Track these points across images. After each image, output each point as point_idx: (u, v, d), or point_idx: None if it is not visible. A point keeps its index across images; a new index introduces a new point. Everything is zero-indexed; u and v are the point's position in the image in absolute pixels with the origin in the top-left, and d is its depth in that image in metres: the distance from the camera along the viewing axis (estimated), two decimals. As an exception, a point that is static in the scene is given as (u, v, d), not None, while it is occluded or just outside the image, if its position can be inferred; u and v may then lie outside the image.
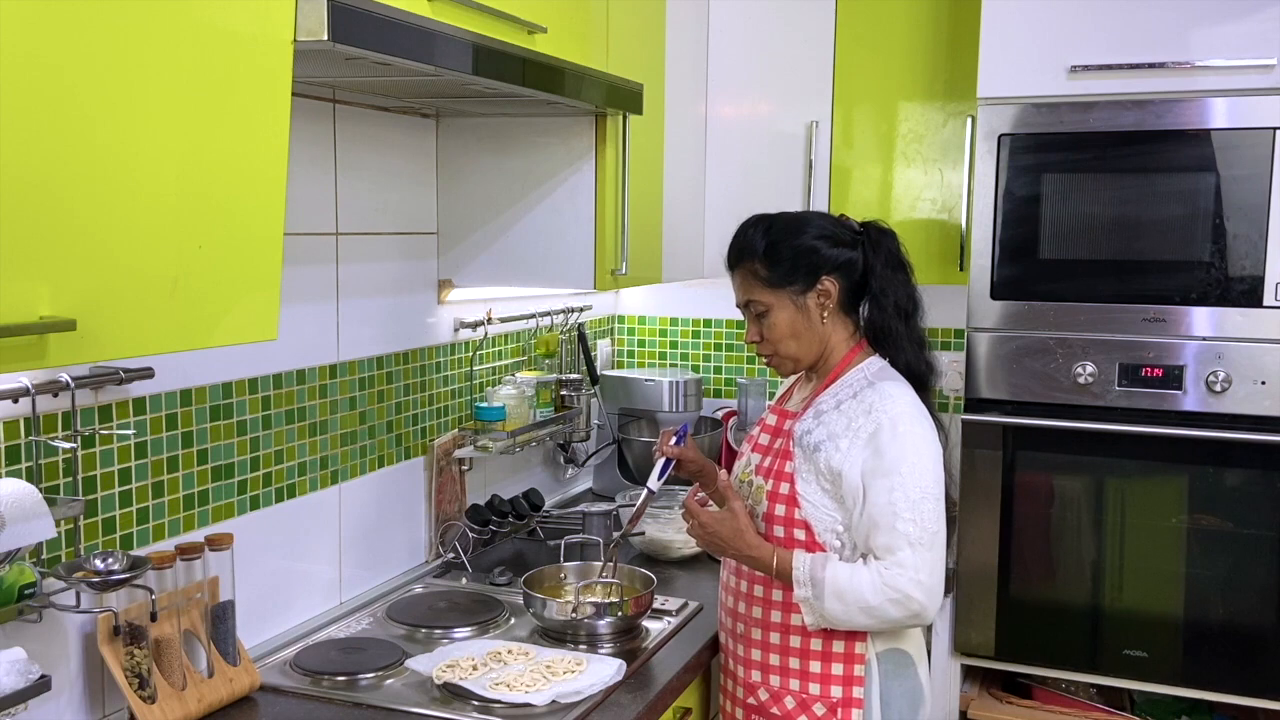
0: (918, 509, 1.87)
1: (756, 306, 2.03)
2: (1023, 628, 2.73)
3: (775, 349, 2.05)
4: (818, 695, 1.97)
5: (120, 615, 1.73)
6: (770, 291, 2.01)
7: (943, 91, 2.90)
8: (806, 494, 1.96)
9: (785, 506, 1.97)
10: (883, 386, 1.96)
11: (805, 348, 2.03)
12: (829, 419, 1.97)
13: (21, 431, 1.65)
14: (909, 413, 1.93)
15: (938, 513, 1.89)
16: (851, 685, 1.96)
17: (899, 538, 1.86)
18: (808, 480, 1.96)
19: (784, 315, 2.01)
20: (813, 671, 1.97)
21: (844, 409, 1.96)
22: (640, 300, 3.62)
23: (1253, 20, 2.44)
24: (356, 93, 2.26)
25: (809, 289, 2.00)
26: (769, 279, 2.01)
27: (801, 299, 2.01)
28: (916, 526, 1.86)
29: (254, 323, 1.51)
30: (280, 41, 1.48)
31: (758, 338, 2.06)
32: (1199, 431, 2.53)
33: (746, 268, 2.03)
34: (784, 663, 1.99)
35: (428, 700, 1.89)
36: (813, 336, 2.02)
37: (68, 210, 1.23)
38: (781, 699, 2.00)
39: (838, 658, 1.96)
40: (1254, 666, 2.56)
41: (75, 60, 1.23)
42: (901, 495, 1.87)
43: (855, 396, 1.96)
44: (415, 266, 2.54)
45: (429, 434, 2.62)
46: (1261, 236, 2.47)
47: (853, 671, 1.96)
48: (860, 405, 1.95)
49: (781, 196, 2.96)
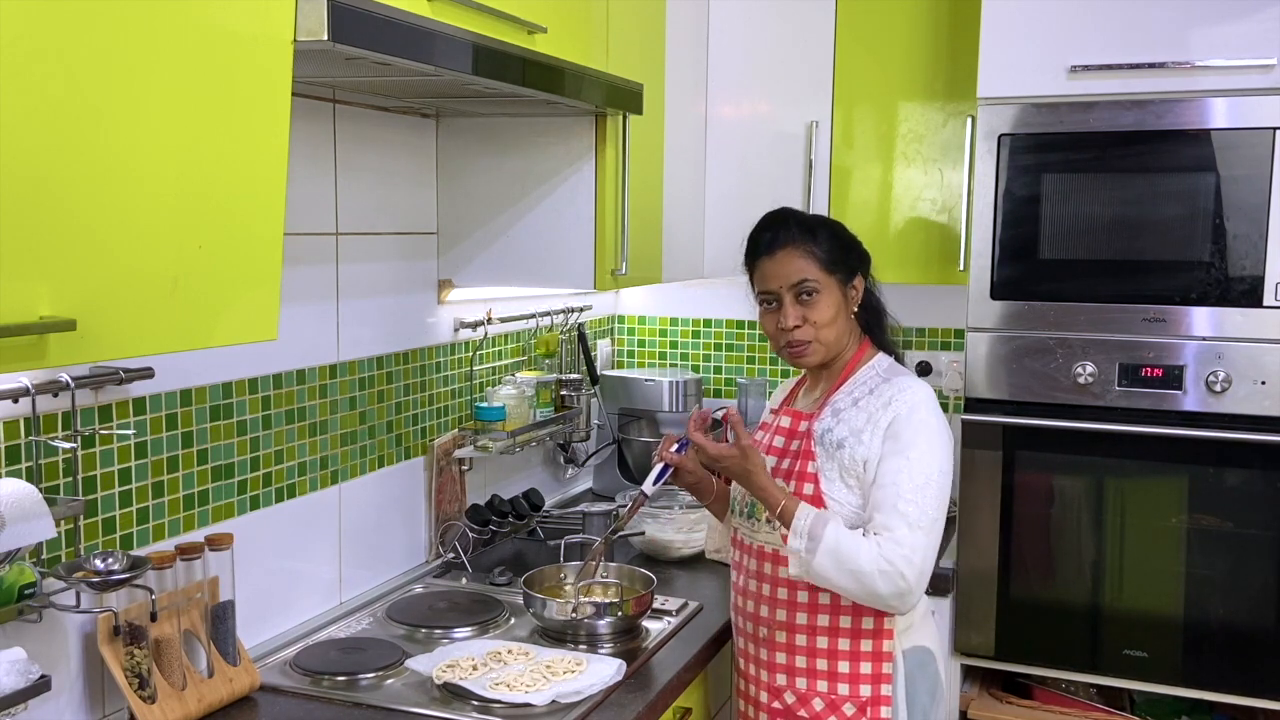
0: (920, 493, 1.89)
1: (809, 285, 1.98)
2: (1023, 628, 2.73)
3: (816, 334, 1.99)
4: (847, 695, 1.97)
5: (120, 615, 1.73)
6: (826, 275, 2.00)
7: (943, 91, 2.90)
8: (831, 493, 1.95)
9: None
10: (899, 380, 2.00)
11: (839, 337, 2.04)
12: (849, 416, 1.98)
13: (21, 431, 1.65)
14: (925, 403, 1.96)
15: (939, 501, 1.91)
16: (880, 683, 1.97)
17: (898, 517, 1.87)
18: (831, 479, 1.96)
19: (831, 301, 2.01)
20: (841, 672, 1.97)
21: (862, 405, 1.98)
22: (640, 300, 3.61)
23: (1253, 20, 2.44)
24: (356, 93, 2.26)
25: (849, 281, 2.04)
26: (828, 261, 2.00)
27: (845, 289, 2.04)
28: (916, 509, 1.88)
29: (254, 323, 1.51)
30: (280, 41, 1.48)
31: (800, 320, 1.99)
32: (1199, 431, 2.53)
33: (803, 247, 1.99)
34: (811, 664, 1.99)
35: (428, 700, 1.89)
36: (846, 328, 2.05)
37: (68, 210, 1.23)
38: (809, 701, 1.99)
39: (866, 657, 1.97)
40: (1254, 666, 2.56)
41: (76, 60, 1.23)
42: (907, 477, 1.89)
43: (872, 393, 1.99)
44: (415, 266, 2.54)
45: (429, 434, 2.62)
46: (1261, 236, 2.47)
47: (881, 670, 1.97)
48: (878, 399, 1.97)
49: (781, 196, 2.94)
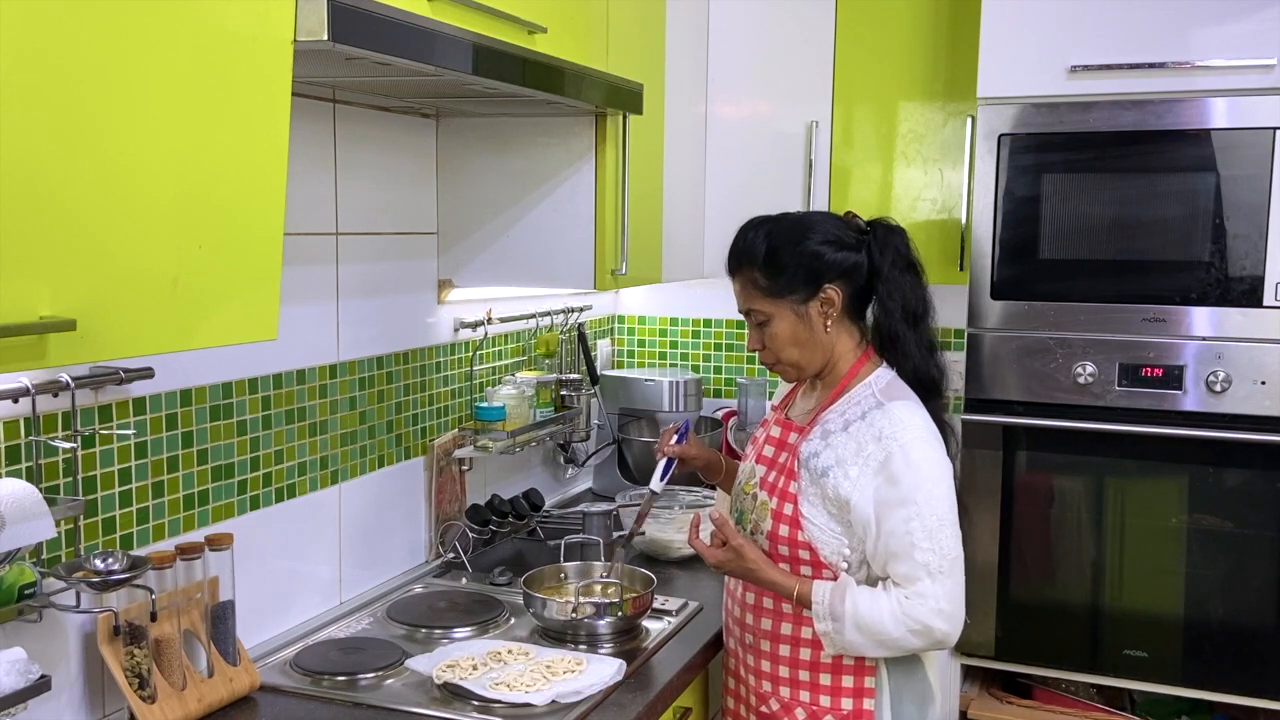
0: (935, 537, 1.82)
1: (757, 316, 1.95)
2: (1023, 628, 2.73)
3: (777, 357, 1.96)
4: (828, 707, 1.93)
5: (120, 615, 1.73)
6: (770, 301, 1.93)
7: (943, 91, 2.90)
8: (811, 516, 1.90)
9: (789, 528, 1.92)
10: (892, 409, 1.87)
11: (809, 356, 1.95)
12: (837, 441, 1.89)
13: (21, 431, 1.65)
14: (920, 437, 1.86)
15: (955, 537, 1.85)
16: (863, 697, 1.92)
17: (918, 568, 1.81)
18: (813, 504, 1.90)
19: (785, 325, 1.93)
20: (823, 684, 1.93)
21: (852, 431, 1.89)
22: (640, 300, 3.61)
23: (1253, 20, 2.44)
24: (356, 93, 2.26)
25: (811, 298, 1.92)
26: (769, 288, 1.92)
27: (803, 308, 1.92)
28: (936, 555, 1.81)
29: (254, 323, 1.51)
30: (280, 41, 1.48)
31: (759, 346, 1.97)
32: (1199, 431, 2.53)
33: (746, 275, 1.95)
34: (794, 675, 1.95)
35: (428, 700, 1.89)
36: (816, 345, 1.94)
37: (68, 210, 1.23)
38: (792, 710, 1.96)
39: (848, 670, 1.92)
40: (1254, 666, 2.56)
41: (75, 60, 1.23)
42: (919, 525, 1.81)
43: (864, 418, 1.88)
44: (415, 266, 2.54)
45: (429, 434, 2.62)
46: (1261, 236, 2.47)
47: (864, 683, 1.92)
48: (870, 430, 1.87)
49: (781, 196, 2.96)
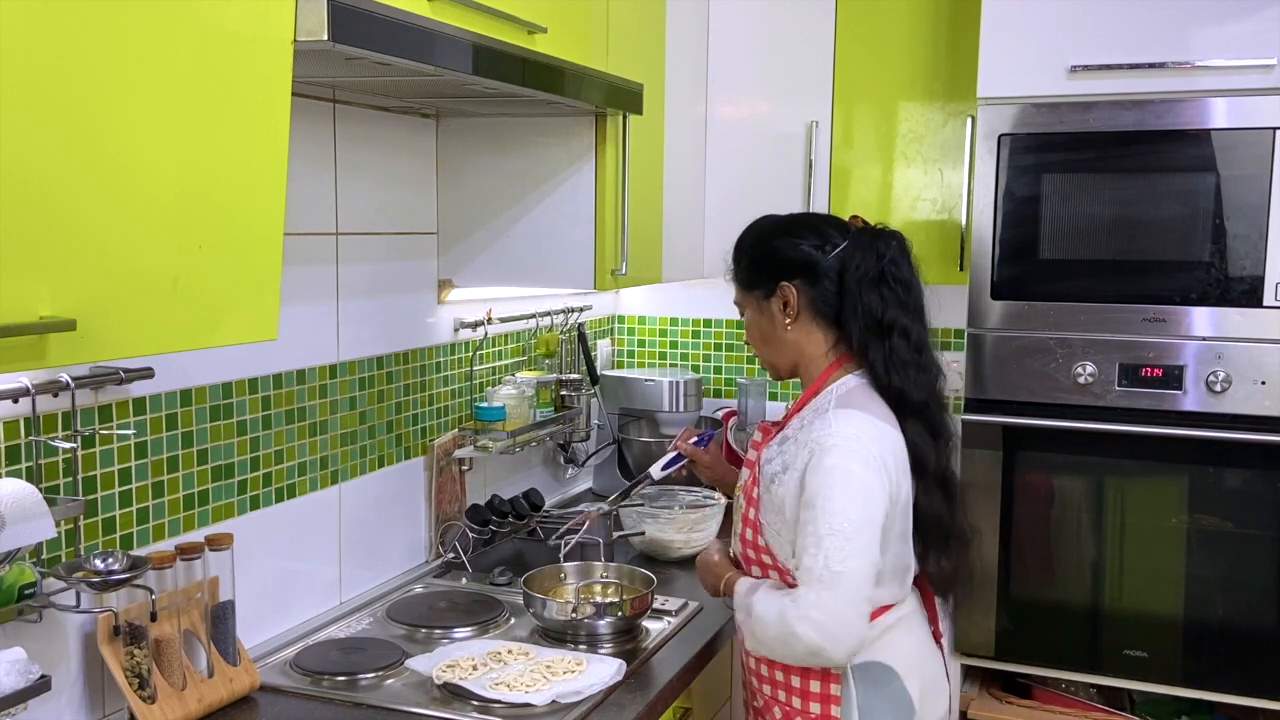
0: (822, 545, 1.76)
1: (739, 308, 2.03)
2: (1023, 628, 2.73)
3: (757, 353, 2.04)
4: (799, 709, 1.90)
5: (120, 615, 1.73)
6: (741, 294, 2.01)
7: (943, 91, 2.90)
8: (768, 522, 1.90)
9: (752, 532, 1.94)
10: (831, 417, 1.82)
11: (776, 354, 1.98)
12: (789, 449, 1.87)
13: (21, 431, 1.65)
14: (841, 445, 1.79)
15: (850, 551, 1.75)
16: (829, 703, 1.87)
17: (804, 572, 1.78)
18: (767, 510, 1.90)
19: (753, 319, 1.99)
20: (793, 685, 1.90)
21: (800, 439, 1.86)
22: (640, 300, 3.61)
23: (1253, 20, 2.44)
24: (356, 93, 2.26)
25: (770, 294, 1.94)
26: (740, 281, 2.00)
27: (765, 304, 1.95)
28: (820, 563, 1.76)
29: (254, 323, 1.51)
30: (280, 41, 1.48)
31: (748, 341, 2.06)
32: (1199, 431, 2.53)
33: (732, 269, 2.03)
34: (771, 674, 1.93)
35: (428, 700, 1.89)
36: (780, 344, 1.96)
37: (68, 210, 1.23)
38: (771, 709, 1.95)
39: (815, 675, 1.87)
40: (1254, 666, 2.56)
41: (75, 60, 1.23)
42: (811, 529, 1.78)
43: (810, 425, 1.85)
44: (415, 266, 2.54)
45: (429, 434, 2.62)
46: (1261, 236, 2.47)
47: (829, 690, 1.87)
48: (807, 436, 1.84)
49: (781, 196, 2.96)
